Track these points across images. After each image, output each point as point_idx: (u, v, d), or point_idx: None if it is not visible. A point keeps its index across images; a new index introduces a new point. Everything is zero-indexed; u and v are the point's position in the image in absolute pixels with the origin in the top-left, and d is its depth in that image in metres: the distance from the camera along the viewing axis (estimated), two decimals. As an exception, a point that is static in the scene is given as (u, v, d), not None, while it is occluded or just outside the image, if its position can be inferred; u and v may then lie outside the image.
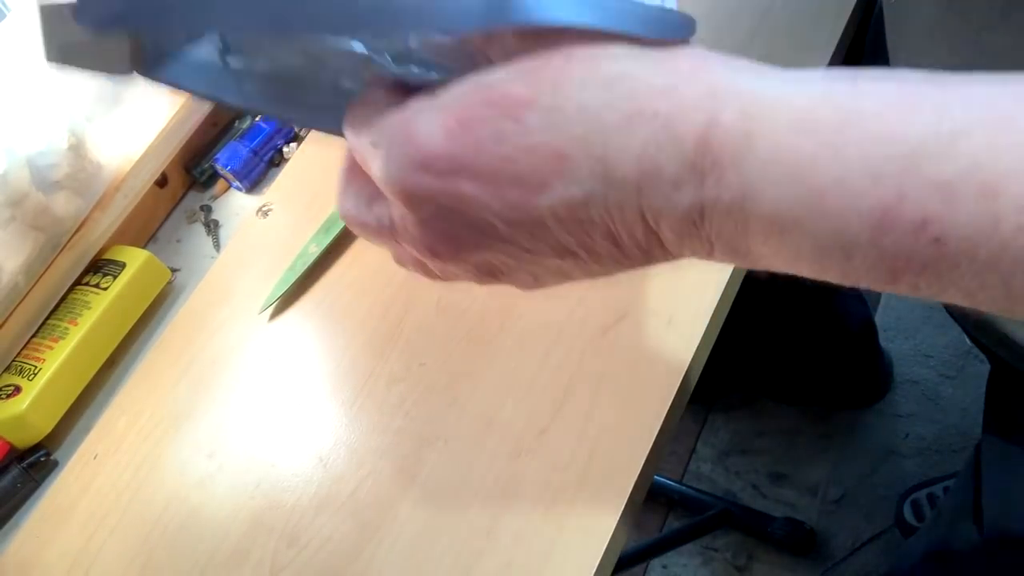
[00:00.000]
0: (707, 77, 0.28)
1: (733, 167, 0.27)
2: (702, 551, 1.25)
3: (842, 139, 0.26)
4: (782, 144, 0.27)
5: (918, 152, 0.25)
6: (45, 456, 0.64)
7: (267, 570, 0.53)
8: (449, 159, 0.29)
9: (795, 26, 0.65)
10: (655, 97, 0.28)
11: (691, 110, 0.28)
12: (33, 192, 0.65)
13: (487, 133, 0.29)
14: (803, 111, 0.27)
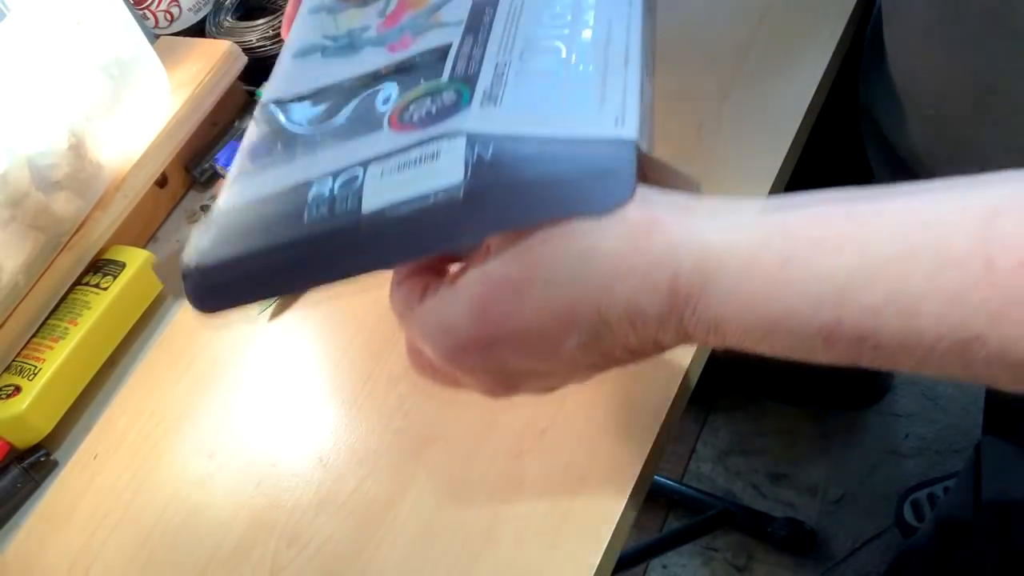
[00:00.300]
0: (660, 236, 0.35)
1: (702, 302, 0.34)
2: (702, 551, 1.25)
3: (783, 279, 0.33)
4: (735, 286, 0.34)
5: (848, 285, 0.32)
6: (45, 456, 0.64)
7: (267, 570, 0.53)
8: (482, 338, 0.37)
9: (795, 26, 0.65)
10: (624, 260, 0.35)
11: (656, 267, 0.35)
12: (33, 192, 0.65)
13: (504, 310, 0.37)
14: (748, 257, 0.34)
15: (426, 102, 0.43)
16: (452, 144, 0.39)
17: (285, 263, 0.40)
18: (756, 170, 0.58)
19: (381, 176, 0.39)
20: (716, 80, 0.64)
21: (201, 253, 0.41)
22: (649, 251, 0.35)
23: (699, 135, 0.62)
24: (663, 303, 0.35)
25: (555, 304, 0.36)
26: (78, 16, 0.68)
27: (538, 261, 0.36)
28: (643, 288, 0.35)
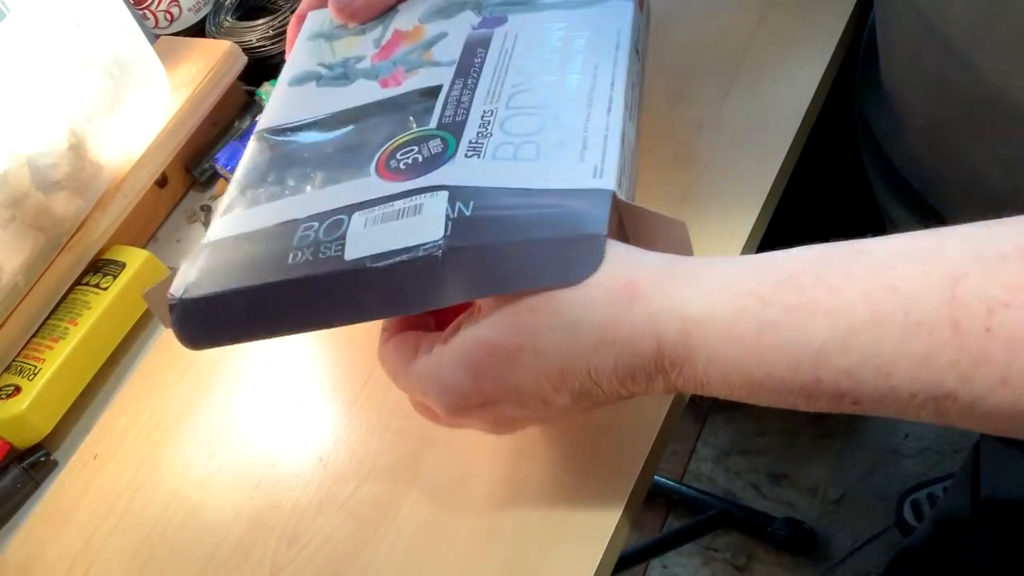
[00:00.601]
0: (641, 305, 0.37)
1: (687, 367, 0.37)
2: (702, 551, 1.25)
3: (761, 345, 0.35)
4: (717, 353, 0.36)
5: (823, 351, 0.34)
6: (45, 456, 0.64)
7: (267, 570, 0.53)
8: (479, 394, 0.41)
9: (795, 26, 0.65)
10: (608, 331, 0.38)
11: (639, 336, 0.37)
12: (33, 192, 0.65)
13: (498, 373, 0.40)
14: (726, 325, 0.36)
15: (413, 150, 0.44)
16: (434, 199, 0.40)
17: (267, 304, 0.41)
18: (756, 170, 0.58)
19: (364, 226, 0.41)
20: (716, 80, 0.64)
21: (187, 285, 0.42)
22: (631, 321, 0.37)
23: (699, 135, 0.62)
24: (650, 367, 0.38)
25: (546, 370, 0.39)
26: (78, 16, 0.68)
27: (526, 331, 0.39)
28: (629, 354, 0.38)
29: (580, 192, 0.40)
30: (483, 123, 0.44)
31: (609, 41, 0.49)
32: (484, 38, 0.50)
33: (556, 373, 0.39)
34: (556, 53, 0.48)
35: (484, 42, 0.50)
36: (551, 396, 0.40)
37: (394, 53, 0.52)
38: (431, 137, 0.45)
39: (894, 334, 0.33)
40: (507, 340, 0.39)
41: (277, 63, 0.82)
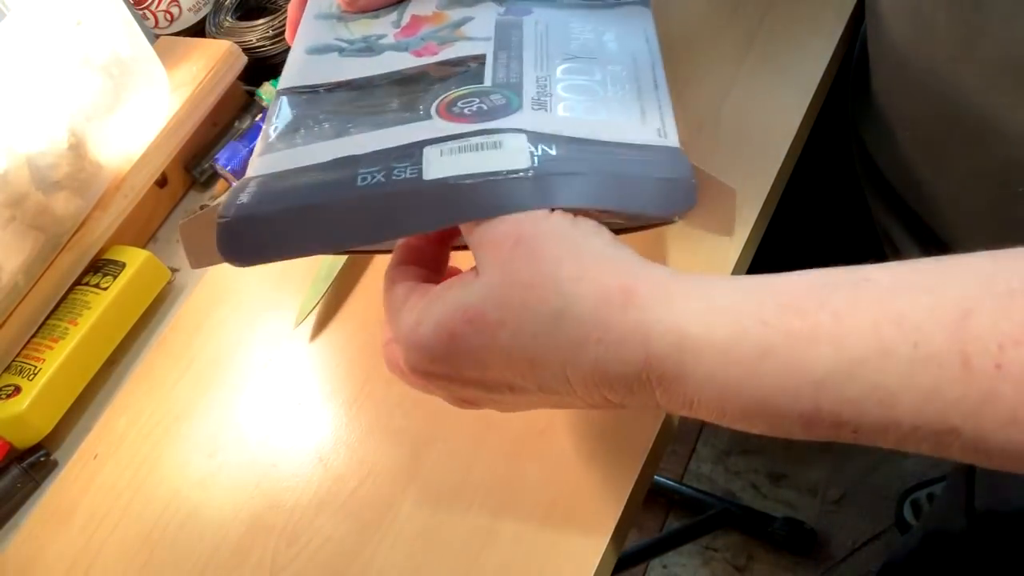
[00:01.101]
0: (635, 311, 0.36)
1: (677, 384, 0.35)
2: (702, 551, 1.25)
3: (761, 370, 0.34)
4: (713, 374, 0.34)
5: (826, 380, 0.33)
6: (45, 456, 0.64)
7: (267, 570, 0.53)
8: (447, 360, 0.39)
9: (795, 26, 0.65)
10: (595, 328, 0.36)
11: (628, 342, 0.36)
12: (33, 192, 0.65)
13: (470, 345, 0.38)
14: (725, 347, 0.34)
15: (474, 100, 0.43)
16: (514, 137, 0.40)
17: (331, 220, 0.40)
18: (756, 170, 0.58)
19: (440, 155, 0.40)
20: (716, 80, 0.64)
21: (240, 206, 0.41)
22: (622, 325, 0.36)
23: (699, 135, 0.62)
24: (632, 377, 0.36)
25: (518, 356, 0.37)
26: (78, 16, 0.68)
27: (513, 307, 0.37)
28: (613, 359, 0.36)
29: (653, 147, 0.41)
30: (540, 85, 0.44)
31: (638, 36, 0.50)
32: (514, 23, 0.49)
33: (527, 362, 0.38)
34: (590, 40, 0.48)
35: (516, 25, 0.49)
36: (517, 383, 0.39)
37: (419, 31, 0.51)
38: (491, 92, 0.43)
39: (901, 366, 0.32)
40: (490, 312, 0.37)
41: (277, 63, 0.82)
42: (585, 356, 0.36)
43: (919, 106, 0.55)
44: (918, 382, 0.31)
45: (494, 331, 0.37)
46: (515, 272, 0.37)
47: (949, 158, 0.53)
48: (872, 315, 0.33)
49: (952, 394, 0.31)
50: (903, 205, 0.60)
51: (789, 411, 0.34)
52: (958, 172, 0.53)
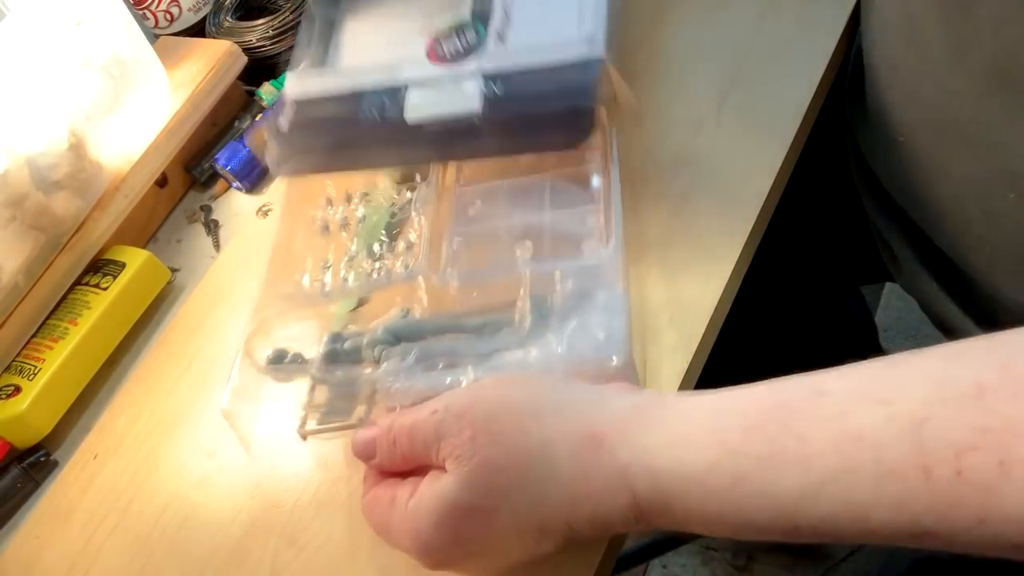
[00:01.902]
0: (608, 458, 0.38)
1: (667, 515, 0.38)
2: (702, 551, 1.25)
3: (737, 497, 0.36)
4: (694, 507, 0.37)
5: (799, 502, 0.34)
6: (45, 456, 0.64)
7: (267, 570, 0.53)
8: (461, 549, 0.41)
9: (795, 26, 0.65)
10: (581, 483, 0.39)
11: (612, 489, 0.38)
12: (33, 192, 0.65)
13: (479, 533, 0.40)
14: (699, 479, 0.36)
15: (454, 38, 0.59)
16: (472, 82, 0.56)
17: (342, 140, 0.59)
18: (756, 171, 0.58)
19: (420, 95, 0.57)
20: (716, 80, 0.64)
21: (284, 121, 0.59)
22: (603, 475, 0.38)
23: (698, 136, 0.62)
24: (628, 516, 0.39)
25: (526, 526, 0.40)
26: (78, 16, 0.68)
27: (497, 491, 0.40)
28: (606, 507, 0.39)
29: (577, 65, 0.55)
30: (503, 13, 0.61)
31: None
32: None
33: (536, 528, 0.40)
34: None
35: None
36: (534, 546, 0.41)
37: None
38: (467, 27, 0.60)
39: (867, 482, 0.33)
40: (482, 501, 0.40)
41: (277, 63, 0.82)
42: (582, 510, 0.39)
43: (913, 113, 0.55)
44: (885, 495, 0.33)
45: (494, 516, 0.40)
46: (486, 461, 0.40)
47: (943, 165, 0.53)
48: (833, 434, 0.34)
49: (919, 504, 0.32)
50: (899, 212, 0.60)
51: (770, 529, 0.36)
52: (952, 179, 0.53)
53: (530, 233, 0.56)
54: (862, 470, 0.33)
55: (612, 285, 0.50)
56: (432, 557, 0.42)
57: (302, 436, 0.54)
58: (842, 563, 0.72)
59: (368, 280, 0.58)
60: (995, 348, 0.34)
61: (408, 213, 0.60)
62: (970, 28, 0.46)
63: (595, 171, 0.57)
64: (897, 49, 0.54)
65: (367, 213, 0.63)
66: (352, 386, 0.53)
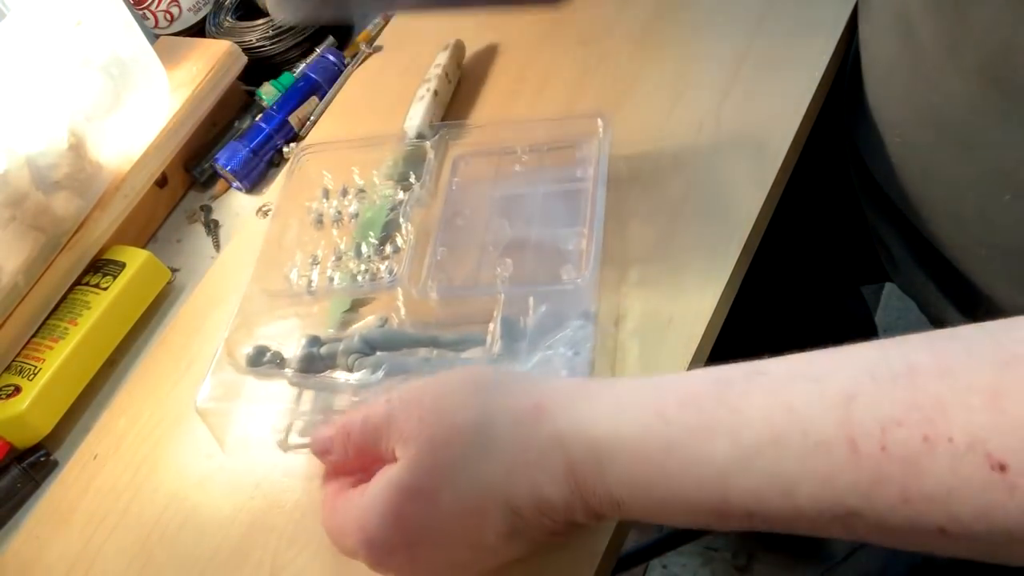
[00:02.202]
0: (547, 424, 0.38)
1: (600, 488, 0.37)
2: (702, 551, 1.25)
3: (669, 465, 0.36)
4: (627, 472, 0.37)
5: (727, 471, 0.34)
6: (45, 456, 0.64)
7: (267, 570, 0.53)
8: (402, 542, 0.40)
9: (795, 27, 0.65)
10: (519, 452, 0.39)
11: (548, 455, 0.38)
12: (33, 192, 0.65)
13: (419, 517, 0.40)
14: (634, 445, 0.37)
15: None
16: None
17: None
18: (756, 170, 0.58)
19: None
20: (716, 80, 0.64)
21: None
22: (538, 441, 0.38)
23: (699, 136, 0.62)
24: (565, 490, 0.38)
25: (465, 505, 0.39)
26: (78, 16, 0.68)
27: (441, 468, 0.39)
28: (542, 477, 0.38)
29: None
30: None
31: None
32: None
33: (475, 509, 0.39)
34: None
35: None
36: (476, 534, 0.40)
37: None
38: None
39: (794, 455, 0.33)
40: (424, 482, 0.40)
41: (277, 63, 0.82)
42: (520, 481, 0.39)
43: (908, 113, 0.55)
44: (812, 469, 0.33)
45: (435, 497, 0.39)
46: (430, 439, 0.40)
47: (938, 165, 0.53)
48: (764, 406, 0.34)
49: (845, 479, 0.32)
50: (896, 212, 0.60)
51: (700, 505, 0.36)
52: (947, 179, 0.53)
53: (513, 250, 0.57)
54: (790, 442, 0.33)
55: (585, 314, 0.51)
56: (375, 552, 0.41)
57: (283, 449, 0.55)
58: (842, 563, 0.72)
59: (353, 283, 0.59)
60: (933, 336, 0.34)
61: (400, 215, 0.61)
62: (964, 28, 0.46)
63: (585, 188, 0.58)
64: (892, 50, 0.54)
65: (361, 210, 0.63)
66: (327, 396, 0.54)
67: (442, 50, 0.72)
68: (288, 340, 0.57)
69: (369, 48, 0.81)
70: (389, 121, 0.70)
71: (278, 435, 0.54)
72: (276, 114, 0.77)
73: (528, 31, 0.75)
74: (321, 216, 0.64)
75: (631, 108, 0.66)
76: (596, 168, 0.57)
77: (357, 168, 0.66)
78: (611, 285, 0.56)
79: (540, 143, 0.62)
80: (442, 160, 0.64)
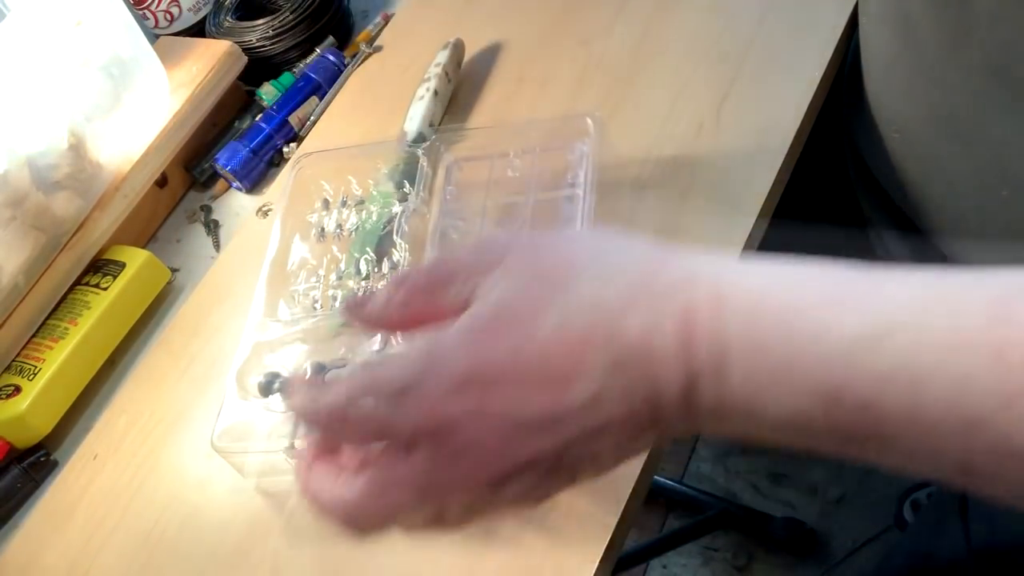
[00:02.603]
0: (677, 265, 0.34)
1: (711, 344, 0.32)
2: (702, 551, 1.25)
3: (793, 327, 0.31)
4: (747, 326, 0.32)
5: (855, 348, 0.30)
6: (45, 456, 0.64)
7: (267, 570, 0.53)
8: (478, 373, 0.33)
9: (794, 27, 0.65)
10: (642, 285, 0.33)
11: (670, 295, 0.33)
12: (33, 192, 0.65)
13: (513, 340, 0.33)
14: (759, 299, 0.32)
15: None
16: None
17: None
18: (756, 170, 0.58)
19: None
20: (716, 80, 0.64)
21: None
22: (666, 275, 0.34)
23: (699, 136, 0.62)
24: (675, 339, 0.33)
25: (568, 335, 0.33)
26: (78, 16, 0.69)
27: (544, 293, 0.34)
28: (655, 323, 0.33)
29: None
30: None
31: None
32: None
33: (578, 339, 0.33)
34: None
35: None
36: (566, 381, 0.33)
37: None
38: None
39: (933, 347, 0.30)
40: (522, 306, 0.34)
41: (277, 63, 0.82)
42: (637, 313, 0.33)
43: (908, 108, 0.55)
44: (949, 366, 0.29)
45: (533, 322, 0.33)
46: (534, 264, 0.35)
47: (938, 160, 0.53)
48: (911, 288, 0.31)
49: (982, 384, 0.29)
50: (895, 208, 0.60)
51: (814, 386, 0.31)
52: (947, 174, 0.53)
53: None
54: (933, 332, 0.30)
55: None
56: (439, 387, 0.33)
57: (289, 456, 0.55)
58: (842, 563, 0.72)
59: None
60: None
61: (396, 227, 0.61)
62: (965, 24, 0.46)
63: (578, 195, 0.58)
64: (892, 45, 0.54)
65: (360, 222, 0.63)
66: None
67: (442, 49, 0.72)
68: (293, 363, 0.57)
69: (369, 48, 0.81)
70: (389, 121, 0.70)
71: (283, 441, 0.54)
72: (276, 114, 0.77)
73: (528, 31, 0.75)
74: (323, 229, 0.64)
75: (631, 108, 0.66)
76: (587, 173, 0.58)
77: (355, 177, 0.66)
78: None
79: (532, 146, 0.63)
80: (435, 166, 0.65)
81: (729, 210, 0.57)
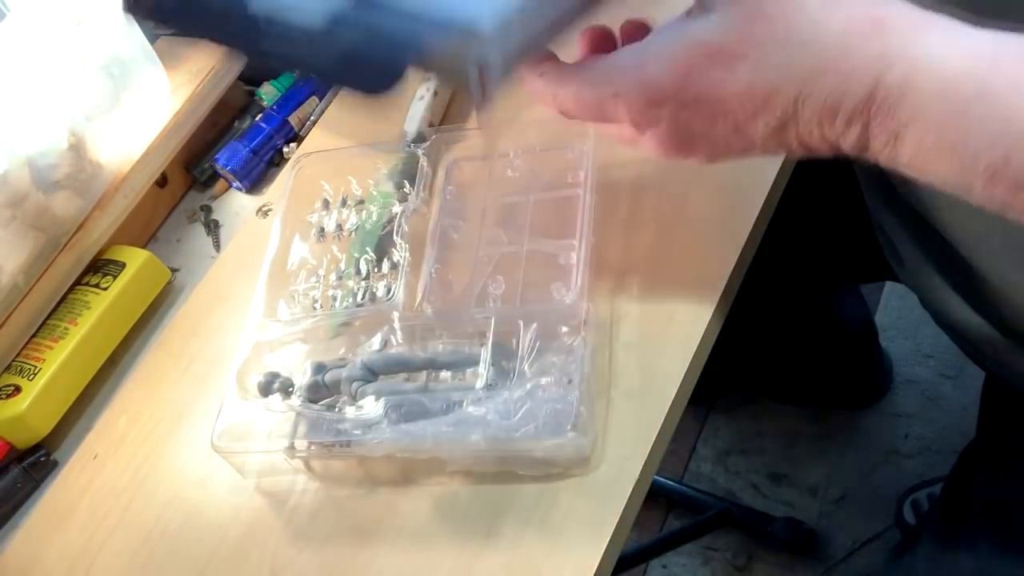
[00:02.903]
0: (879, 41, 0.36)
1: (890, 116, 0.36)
2: (702, 551, 1.25)
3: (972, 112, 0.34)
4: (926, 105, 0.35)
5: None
6: (45, 456, 0.64)
7: (267, 570, 0.53)
8: (678, 100, 0.39)
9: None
10: (836, 59, 0.37)
11: (862, 73, 0.36)
12: (33, 192, 0.65)
13: (709, 80, 0.38)
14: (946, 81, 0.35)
15: None
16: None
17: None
18: (757, 169, 0.58)
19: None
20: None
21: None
22: (864, 54, 0.36)
23: (699, 135, 0.62)
24: (858, 106, 0.37)
25: (757, 89, 0.38)
26: (78, 16, 0.69)
27: (756, 40, 0.38)
28: (845, 88, 0.36)
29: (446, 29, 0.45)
30: None
31: None
32: None
33: (765, 94, 0.38)
34: None
35: None
36: (749, 118, 0.39)
37: None
38: None
39: None
40: (733, 46, 0.38)
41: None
42: (820, 87, 0.37)
43: None
44: None
45: (735, 65, 0.38)
46: (758, 6, 0.38)
47: None
48: None
49: None
50: (903, 204, 0.60)
51: (979, 157, 0.34)
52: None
53: (505, 265, 0.57)
54: None
55: (577, 327, 0.52)
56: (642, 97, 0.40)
57: (289, 456, 0.55)
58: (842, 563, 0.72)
59: (353, 303, 0.59)
60: None
61: (396, 227, 0.61)
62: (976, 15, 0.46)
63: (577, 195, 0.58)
64: None
65: (360, 221, 0.63)
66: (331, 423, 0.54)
67: (442, 50, 0.72)
68: (296, 365, 0.57)
69: (369, 48, 0.81)
70: (389, 121, 0.70)
71: (283, 441, 0.54)
72: (276, 114, 0.77)
73: (528, 31, 0.75)
74: (323, 229, 0.64)
75: (631, 108, 0.66)
76: (587, 173, 0.58)
77: (355, 177, 0.66)
78: (607, 290, 0.56)
79: (531, 145, 0.63)
80: (435, 166, 0.65)
81: (729, 211, 0.57)
